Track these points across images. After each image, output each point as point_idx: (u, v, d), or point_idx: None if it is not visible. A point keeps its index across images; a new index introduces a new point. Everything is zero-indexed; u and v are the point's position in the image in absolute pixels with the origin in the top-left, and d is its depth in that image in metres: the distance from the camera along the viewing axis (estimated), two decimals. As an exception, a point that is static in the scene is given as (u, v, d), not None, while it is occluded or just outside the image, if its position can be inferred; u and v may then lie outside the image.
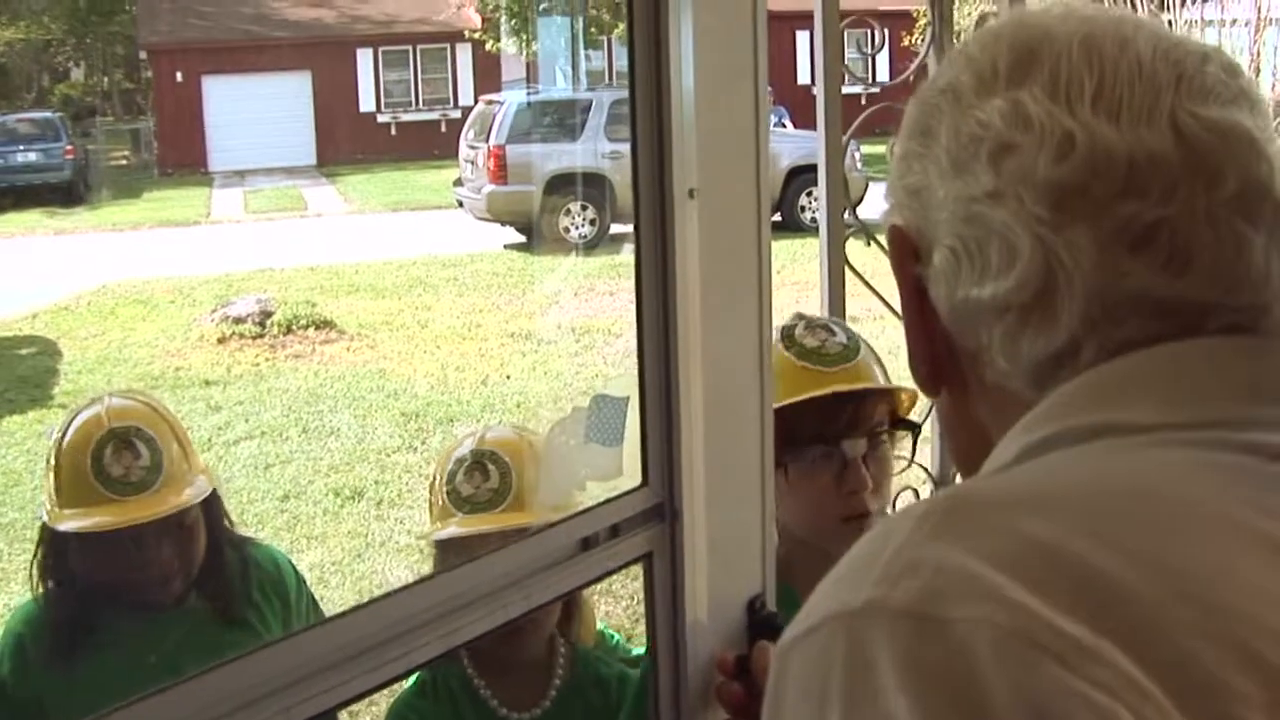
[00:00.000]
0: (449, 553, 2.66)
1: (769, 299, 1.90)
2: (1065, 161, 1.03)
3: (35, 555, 2.73)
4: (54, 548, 2.70)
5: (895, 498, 3.10)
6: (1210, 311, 1.03)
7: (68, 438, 2.64)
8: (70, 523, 2.61)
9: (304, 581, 3.00)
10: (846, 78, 3.25)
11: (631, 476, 1.88)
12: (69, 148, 23.69)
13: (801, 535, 2.39)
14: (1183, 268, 1.02)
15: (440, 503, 2.69)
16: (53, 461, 2.64)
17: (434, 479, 2.77)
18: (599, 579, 1.85)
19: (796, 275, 13.66)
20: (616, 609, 6.50)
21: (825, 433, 2.33)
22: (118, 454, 2.58)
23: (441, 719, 2.64)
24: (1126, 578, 0.86)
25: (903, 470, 2.56)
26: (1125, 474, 0.97)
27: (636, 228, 1.79)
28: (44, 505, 2.68)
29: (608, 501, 1.84)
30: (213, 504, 2.76)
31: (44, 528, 2.70)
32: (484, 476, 2.62)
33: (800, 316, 2.49)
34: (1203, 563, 0.89)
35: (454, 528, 2.64)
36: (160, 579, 2.70)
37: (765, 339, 1.91)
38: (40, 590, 2.72)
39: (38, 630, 2.71)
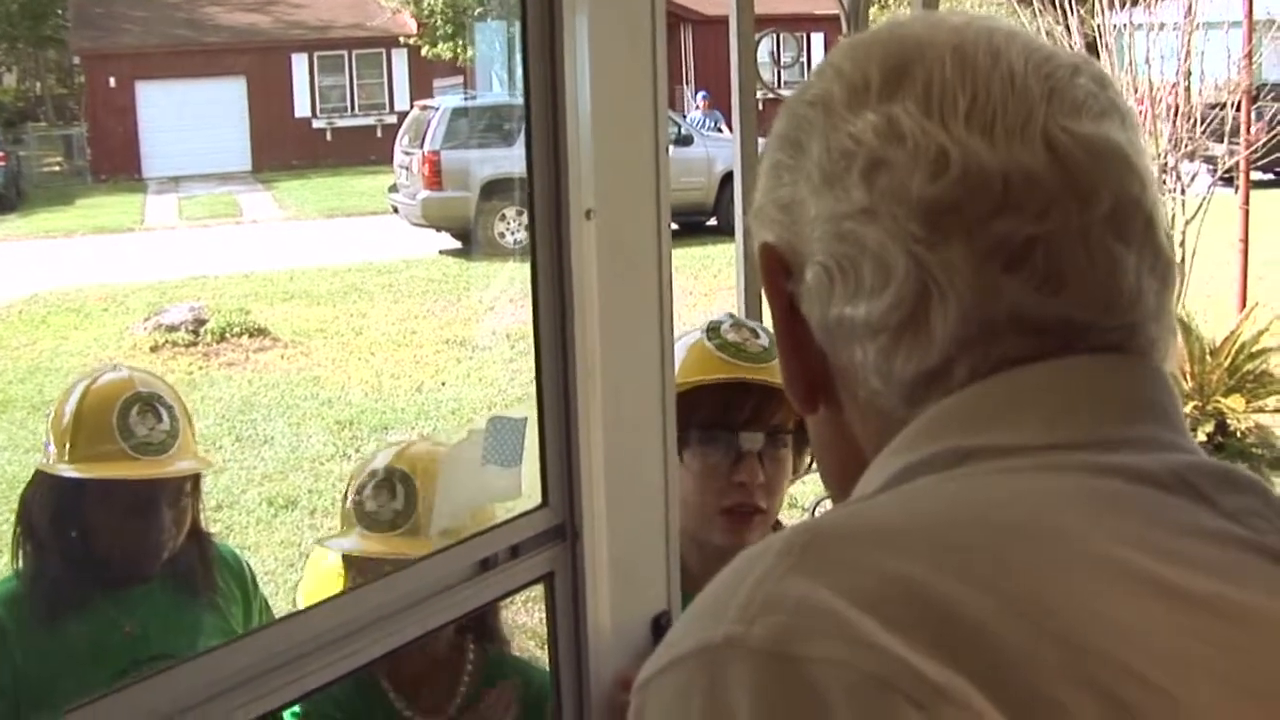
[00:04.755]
0: (349, 565, 2.69)
1: (669, 319, 1.90)
2: (940, 179, 1.01)
3: (20, 516, 2.76)
4: (47, 503, 2.74)
5: (815, 507, 3.11)
6: (1083, 331, 1.02)
7: (91, 394, 2.73)
8: (81, 474, 2.68)
9: (257, 582, 3.07)
10: (782, 82, 3.26)
11: (531, 497, 1.88)
12: (0, 155, 23.46)
13: (690, 528, 2.41)
14: (1057, 287, 1.01)
15: (347, 511, 2.70)
16: (69, 413, 2.70)
17: (349, 484, 2.77)
18: (498, 599, 1.85)
19: (732, 280, 13.64)
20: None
21: (726, 420, 2.38)
22: (143, 415, 2.69)
23: None
24: (988, 617, 0.85)
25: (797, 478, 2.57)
26: (990, 504, 0.96)
27: (533, 248, 1.79)
28: (47, 457, 2.74)
29: (507, 522, 1.84)
30: (199, 485, 2.88)
31: (35, 486, 2.76)
32: (390, 495, 2.62)
33: (731, 316, 2.55)
34: (1067, 599, 0.88)
35: (355, 541, 2.65)
36: (151, 547, 2.77)
37: (666, 358, 1.92)
38: (21, 554, 2.76)
39: (16, 606, 2.75)
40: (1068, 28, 11.30)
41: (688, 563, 2.39)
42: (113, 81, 29.76)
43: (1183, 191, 10.77)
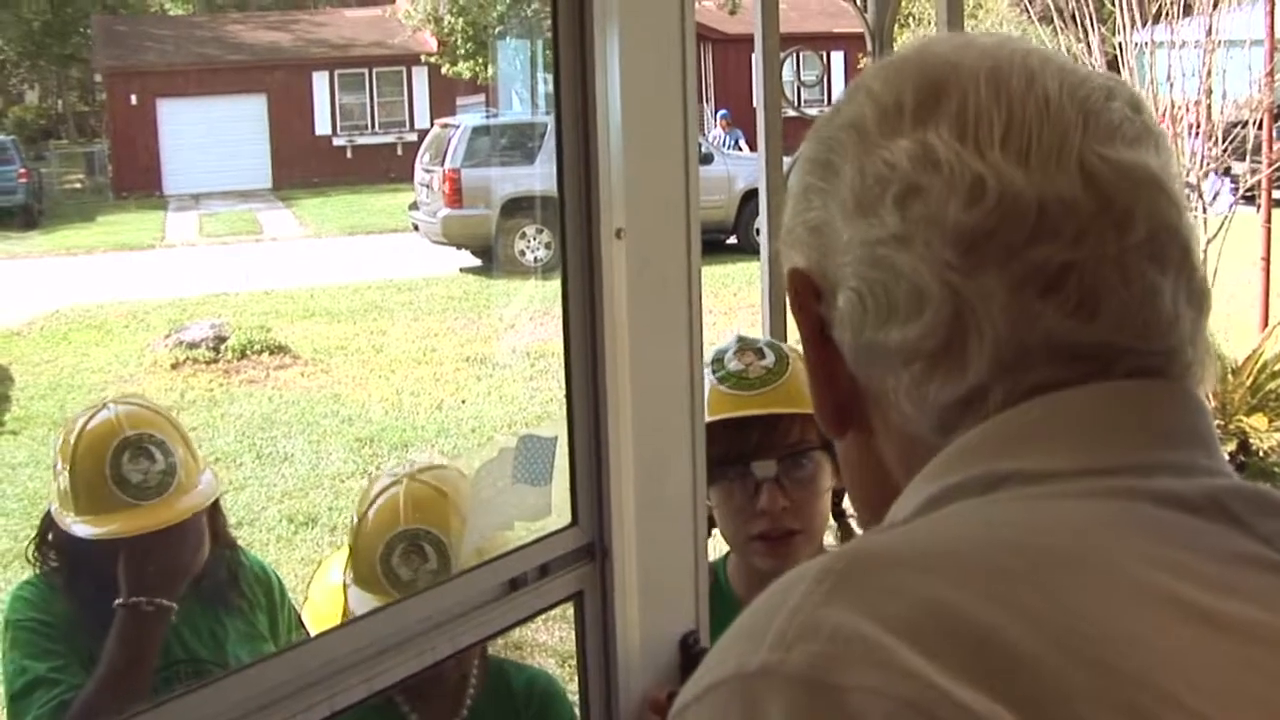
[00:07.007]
0: None
1: (699, 339, 1.90)
2: (976, 207, 1.01)
3: (39, 543, 2.76)
4: (63, 546, 2.72)
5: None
6: (1119, 356, 1.01)
7: (82, 444, 2.67)
8: (89, 528, 2.64)
9: (286, 592, 3.05)
10: (803, 99, 3.26)
11: (560, 516, 1.87)
12: (23, 171, 23.55)
13: (735, 552, 2.46)
14: (1092, 313, 1.00)
15: (373, 575, 2.56)
16: (65, 466, 2.67)
17: (357, 536, 2.64)
18: (528, 619, 1.85)
19: (752, 298, 13.66)
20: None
21: (736, 454, 2.35)
22: (135, 460, 2.63)
23: None
24: (1025, 642, 0.85)
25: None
26: (1027, 529, 0.95)
27: (564, 268, 1.80)
28: (54, 504, 2.70)
29: (536, 541, 1.84)
30: (217, 502, 2.86)
31: (51, 522, 2.72)
32: (423, 558, 2.53)
33: (739, 339, 2.52)
34: (1104, 625, 0.87)
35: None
36: (171, 579, 2.72)
37: (696, 378, 1.92)
38: (46, 578, 2.75)
39: (50, 613, 2.72)
40: (1088, 45, 11.29)
41: (735, 583, 2.43)
42: (134, 99, 29.85)
43: (1204, 210, 10.75)
